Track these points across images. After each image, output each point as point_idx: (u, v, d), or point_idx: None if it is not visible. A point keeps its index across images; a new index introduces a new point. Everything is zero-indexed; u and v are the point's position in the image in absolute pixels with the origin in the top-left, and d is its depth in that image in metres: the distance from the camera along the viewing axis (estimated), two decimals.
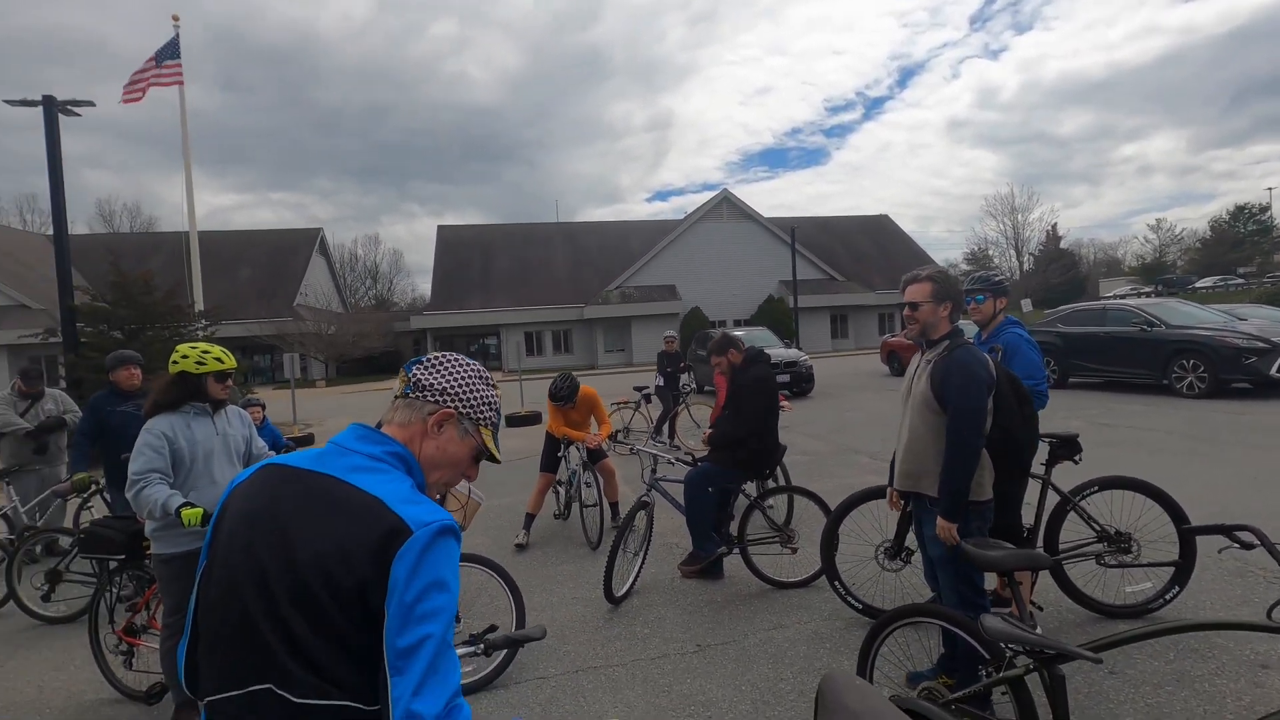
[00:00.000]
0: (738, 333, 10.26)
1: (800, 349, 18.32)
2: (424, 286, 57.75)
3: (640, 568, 4.57)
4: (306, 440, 12.12)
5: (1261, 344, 10.70)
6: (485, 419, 1.32)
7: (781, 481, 5.71)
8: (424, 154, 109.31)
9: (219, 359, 3.24)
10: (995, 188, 77.25)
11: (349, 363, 35.70)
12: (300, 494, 1.14)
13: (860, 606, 3.86)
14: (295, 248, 40.52)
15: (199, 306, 15.32)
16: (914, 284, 2.93)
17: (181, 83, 16.10)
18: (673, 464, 4.83)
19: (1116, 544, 3.68)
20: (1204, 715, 2.79)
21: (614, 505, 6.03)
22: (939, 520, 2.76)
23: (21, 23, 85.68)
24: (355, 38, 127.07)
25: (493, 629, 1.89)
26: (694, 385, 11.00)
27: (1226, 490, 5.73)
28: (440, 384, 1.28)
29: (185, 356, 3.19)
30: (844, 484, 6.62)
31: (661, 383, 10.54)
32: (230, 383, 3.34)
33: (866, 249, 42.81)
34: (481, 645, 1.74)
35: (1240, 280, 37.13)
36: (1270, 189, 72.20)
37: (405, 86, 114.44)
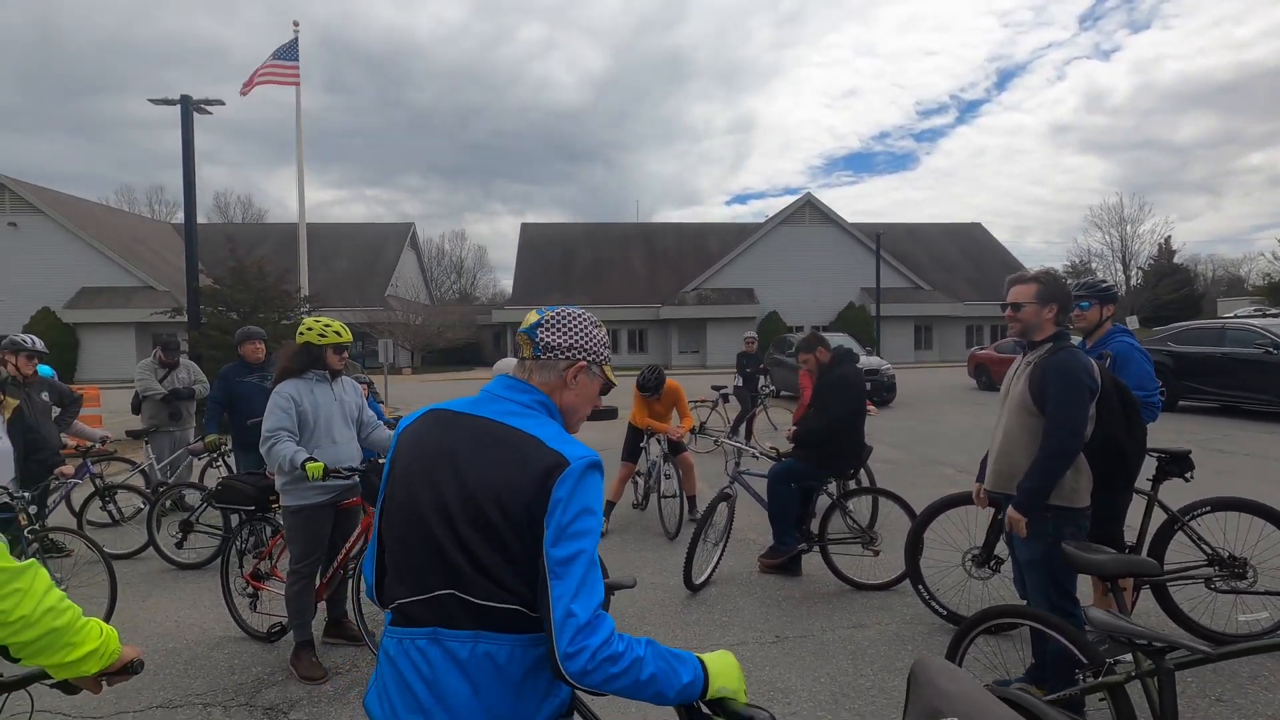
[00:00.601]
0: None
1: (881, 358, 17.85)
2: (505, 282, 59.59)
3: (719, 559, 4.65)
4: (393, 424, 12.78)
5: None
6: (605, 356, 1.47)
7: (866, 484, 5.65)
8: (509, 154, 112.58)
9: (338, 333, 3.59)
10: (1102, 197, 72.53)
11: (433, 353, 37.26)
12: (468, 433, 1.32)
13: (945, 613, 3.81)
14: (387, 241, 42.67)
15: (304, 293, 16.42)
16: (1019, 284, 2.90)
17: (298, 83, 17.32)
18: (757, 458, 4.89)
19: (1230, 568, 3.48)
20: None
21: (691, 499, 6.12)
22: (1009, 509, 2.73)
23: (153, 30, 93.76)
24: (449, 41, 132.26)
25: None
26: (772, 388, 10.94)
27: None
28: (567, 341, 1.40)
29: (310, 329, 3.55)
30: (925, 494, 6.43)
31: (740, 383, 10.55)
32: (346, 355, 3.68)
33: (955, 258, 41.12)
34: None
35: None
36: None
37: (494, 89, 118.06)
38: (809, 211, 36.83)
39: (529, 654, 1.24)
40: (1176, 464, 3.58)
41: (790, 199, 39.69)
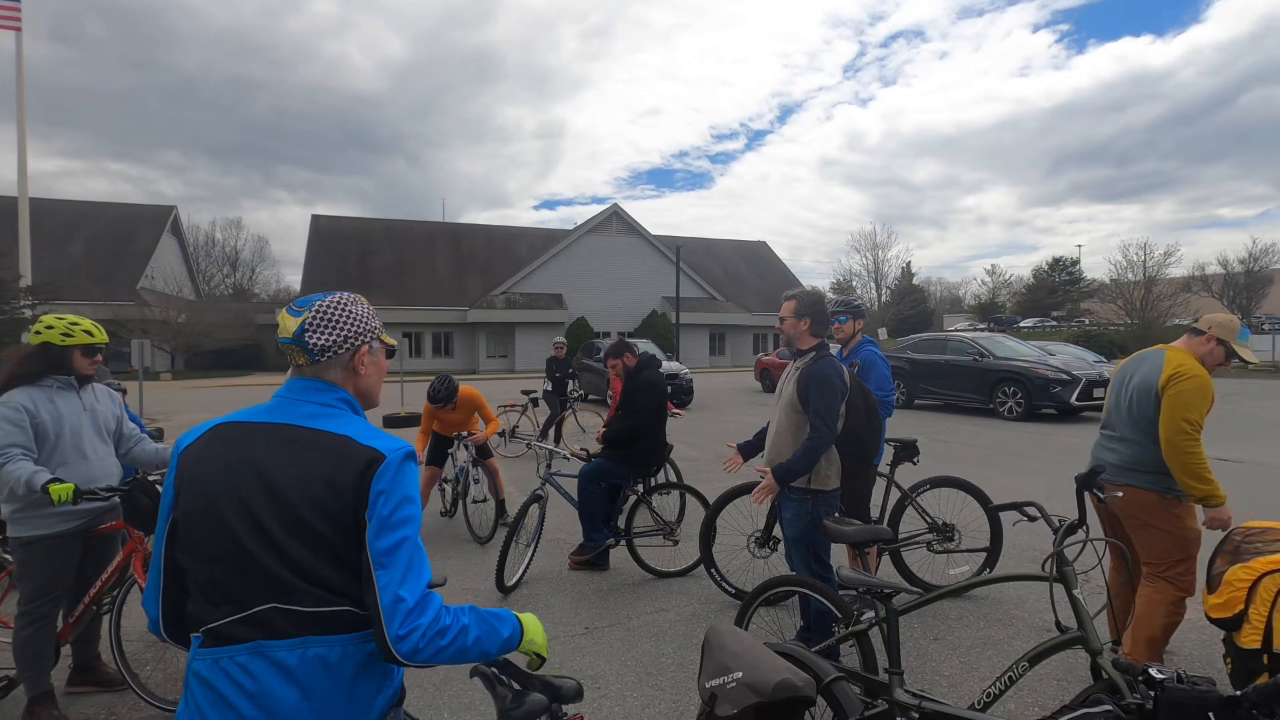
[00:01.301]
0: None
1: (681, 363, 19.08)
2: (292, 278, 54.14)
3: (530, 559, 4.75)
4: (157, 436, 11.07)
5: (1066, 376, 12.57)
6: (378, 327, 1.48)
7: (672, 479, 6.09)
8: (295, 137, 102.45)
9: (89, 332, 3.11)
10: (859, 224, 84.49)
11: (202, 355, 32.72)
12: (270, 442, 1.30)
13: (733, 591, 4.27)
14: (141, 225, 36.65)
15: (26, 282, 13.61)
16: (786, 300, 3.42)
17: (19, 26, 14.29)
18: (568, 459, 5.06)
19: (943, 533, 4.34)
20: (1001, 666, 3.40)
21: (500, 502, 6.14)
22: (769, 475, 3.23)
23: None
24: (223, 2, 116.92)
25: None
26: (580, 392, 11.25)
27: (1035, 494, 6.77)
28: (341, 335, 1.39)
29: (50, 327, 3.04)
30: (719, 486, 7.07)
31: (549, 387, 10.70)
32: (100, 358, 3.21)
33: (744, 273, 45.11)
34: None
35: (1054, 322, 42.88)
36: (1080, 246, 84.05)
37: (278, 63, 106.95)
38: (616, 221, 38.15)
39: (360, 650, 1.27)
40: (907, 451, 4.39)
41: (598, 208, 40.91)
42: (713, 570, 4.28)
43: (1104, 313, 37.21)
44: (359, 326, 1.41)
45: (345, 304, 1.42)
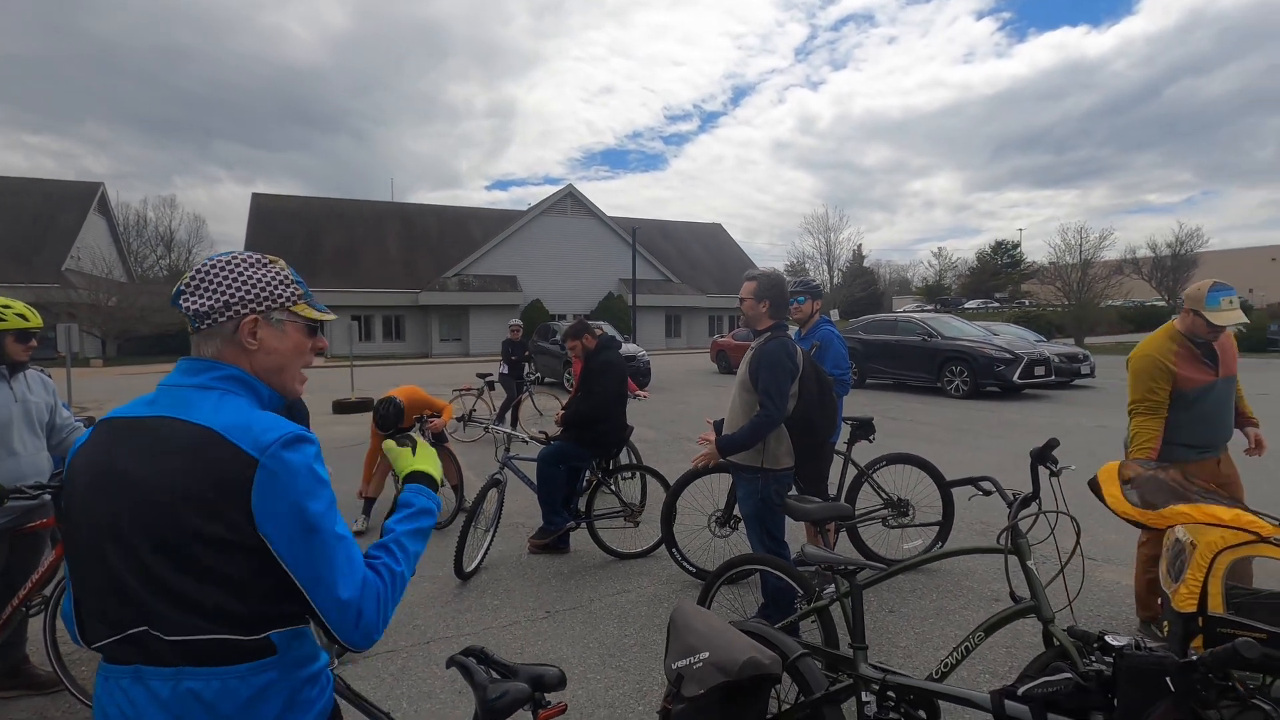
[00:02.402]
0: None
1: (638, 345, 19.08)
2: None
3: (489, 544, 4.68)
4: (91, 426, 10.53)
5: (1009, 355, 13.02)
6: (288, 296, 1.23)
7: (632, 462, 6.07)
8: (230, 111, 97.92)
9: (22, 315, 2.92)
10: (811, 207, 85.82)
11: (135, 340, 31.20)
12: (135, 442, 1.11)
13: (694, 570, 4.29)
14: (65, 203, 34.56)
15: None
16: (746, 281, 3.42)
17: None
18: (526, 443, 4.99)
19: (898, 509, 4.45)
20: (956, 638, 3.51)
21: (457, 488, 6.02)
22: (712, 446, 3.29)
23: None
24: None
25: None
26: (537, 375, 11.13)
27: (982, 467, 6.98)
28: (220, 300, 1.17)
29: None
30: (677, 468, 7.12)
31: (505, 370, 10.55)
32: (35, 343, 3.00)
33: (700, 255, 45.26)
34: None
35: (997, 303, 44.44)
36: (1021, 229, 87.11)
37: (210, 31, 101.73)
38: (570, 202, 37.72)
39: (245, 685, 1.09)
40: (863, 429, 4.46)
41: (552, 189, 40.26)
42: (674, 550, 4.29)
43: (1043, 294, 38.70)
44: (251, 291, 1.18)
45: (238, 264, 1.20)
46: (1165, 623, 3.04)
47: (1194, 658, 1.17)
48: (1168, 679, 1.17)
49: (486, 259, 35.40)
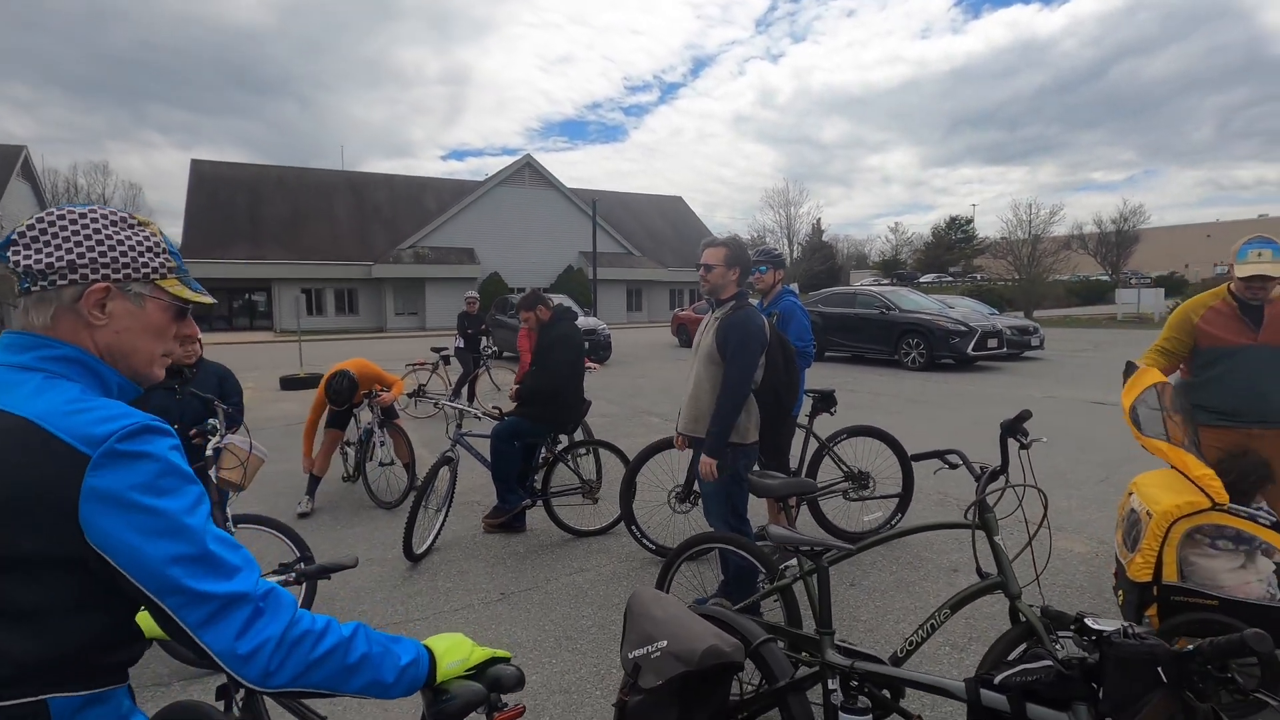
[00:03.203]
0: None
1: (599, 318, 18.85)
2: (172, 229, 49.41)
3: (442, 525, 4.49)
4: None
5: (964, 328, 13.24)
6: (155, 268, 0.99)
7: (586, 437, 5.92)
8: (166, 73, 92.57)
9: None
10: (772, 181, 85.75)
11: None
12: None
13: (654, 547, 4.19)
14: None
15: None
16: (710, 248, 3.24)
17: None
18: (479, 419, 4.79)
19: (859, 481, 4.41)
20: (915, 609, 3.50)
21: (408, 466, 5.80)
22: (703, 457, 3.10)
23: None
24: None
25: (306, 558, 1.79)
26: (494, 349, 10.84)
27: (938, 438, 7.08)
28: (65, 258, 0.92)
29: None
30: (638, 442, 7.00)
31: (461, 344, 10.26)
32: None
33: (661, 228, 44.93)
34: (293, 573, 1.64)
35: (950, 278, 45.42)
36: (974, 205, 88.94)
37: None
38: (529, 173, 36.90)
39: None
40: (825, 401, 4.39)
41: (509, 159, 39.46)
42: (633, 527, 4.18)
43: (995, 268, 39.64)
44: (109, 253, 0.94)
45: (97, 219, 0.96)
46: (1119, 591, 3.07)
47: (1190, 647, 1.09)
48: (1160, 669, 1.08)
49: (442, 231, 34.48)
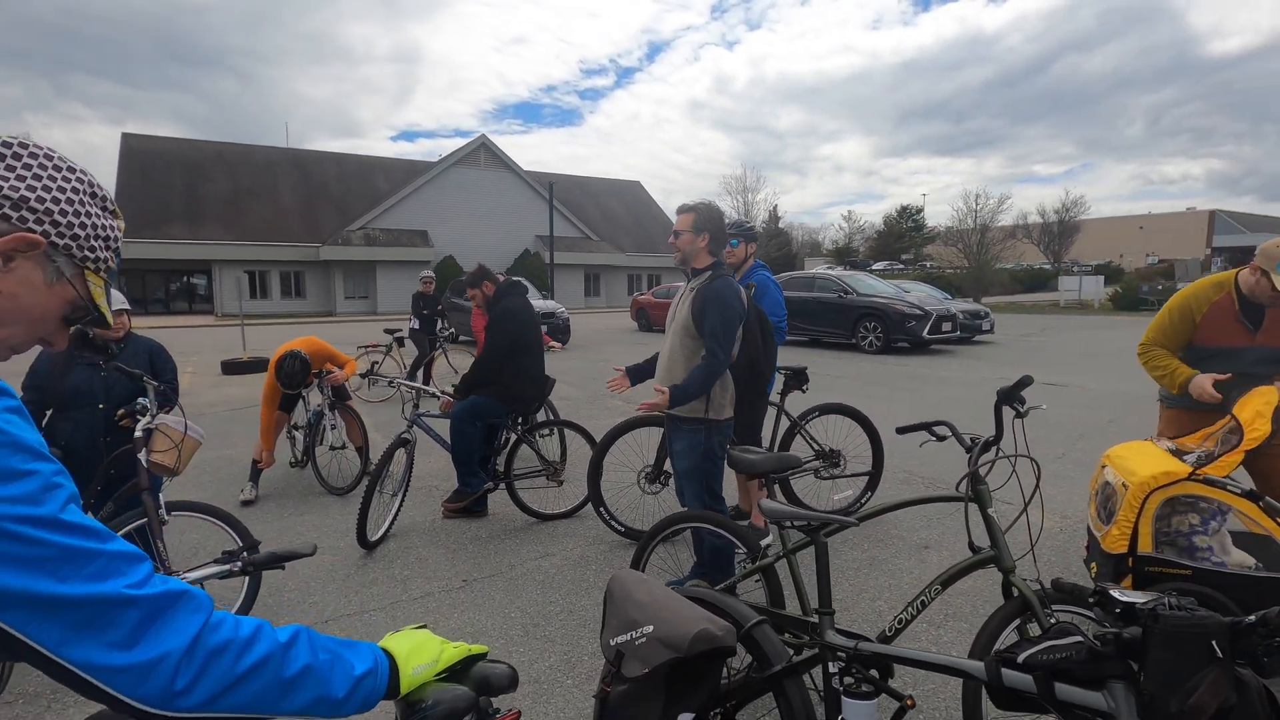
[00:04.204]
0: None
1: (556, 303, 18.56)
2: None
3: (399, 510, 4.26)
4: None
5: (920, 312, 13.44)
6: (95, 258, 0.84)
7: (550, 418, 5.73)
8: (94, 43, 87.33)
9: None
10: (728, 168, 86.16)
11: None
12: None
13: (623, 529, 4.05)
14: None
15: None
16: (681, 213, 3.09)
17: None
18: (437, 398, 4.55)
19: (830, 460, 4.35)
20: (889, 587, 3.45)
21: (362, 449, 5.52)
22: (660, 395, 2.88)
23: None
24: None
25: (251, 546, 1.58)
26: (451, 330, 10.49)
27: (898, 417, 7.12)
28: (17, 191, 0.76)
29: None
30: (601, 425, 6.85)
31: (417, 326, 9.89)
32: None
33: (619, 213, 44.55)
34: (238, 563, 1.43)
35: (902, 265, 46.38)
36: (924, 195, 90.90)
37: None
38: (484, 154, 36.03)
39: None
40: (796, 379, 4.31)
41: (462, 141, 38.45)
42: (602, 509, 4.03)
43: (945, 256, 40.64)
44: (64, 212, 0.79)
45: (76, 178, 0.81)
46: (1092, 565, 3.07)
47: (1251, 619, 1.00)
48: (1214, 643, 0.99)
49: (394, 212, 33.43)
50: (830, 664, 1.63)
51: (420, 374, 9.14)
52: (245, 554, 1.46)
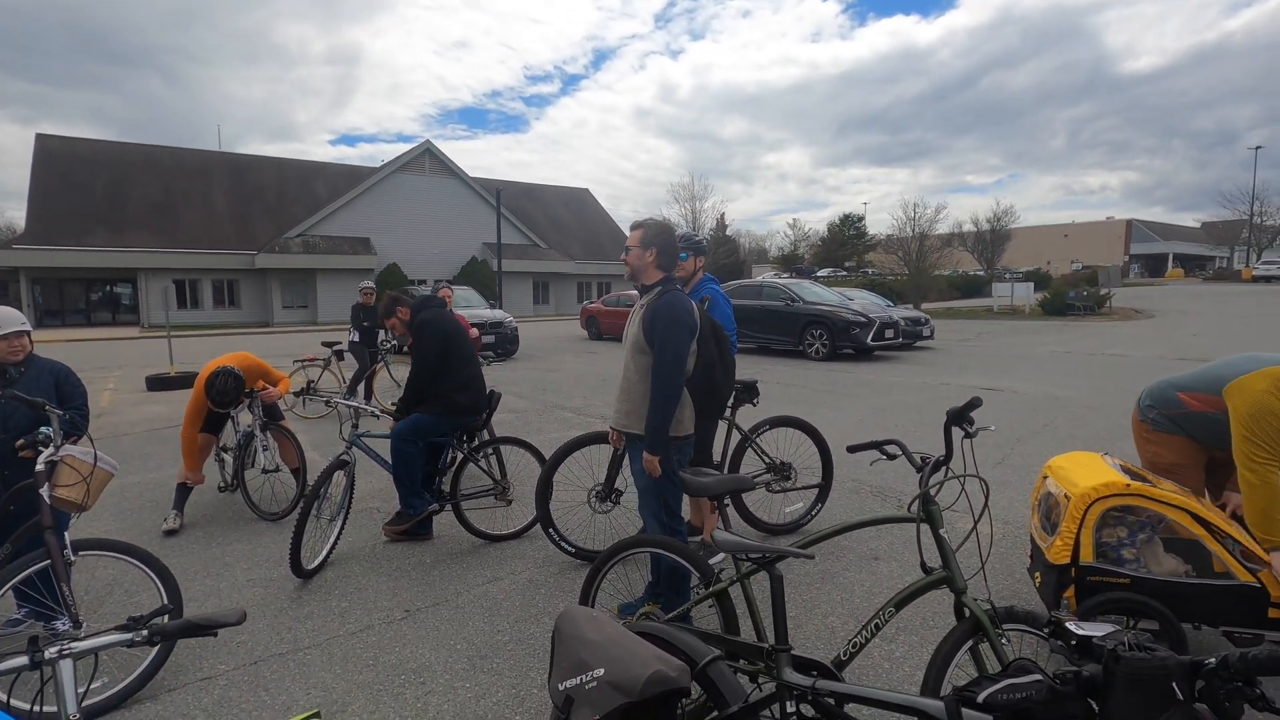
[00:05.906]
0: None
1: (504, 311, 18.27)
2: (14, 213, 44.03)
3: (338, 536, 4.05)
4: None
5: (864, 319, 13.74)
6: None
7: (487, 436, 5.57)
8: (2, 36, 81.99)
9: None
10: (674, 176, 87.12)
11: None
12: None
13: (573, 550, 3.95)
14: None
15: None
16: (632, 230, 3.06)
17: None
18: (377, 417, 4.36)
19: (780, 473, 4.35)
20: (841, 602, 3.45)
21: (296, 472, 5.25)
22: (645, 455, 2.90)
23: None
24: None
25: (164, 611, 1.42)
26: (394, 342, 10.16)
27: (846, 426, 7.25)
28: None
29: None
30: (550, 438, 6.75)
31: (357, 338, 9.55)
32: None
33: (567, 220, 44.32)
34: (144, 631, 1.27)
35: (845, 271, 47.57)
36: (865, 203, 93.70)
37: None
38: (429, 160, 35.33)
39: None
40: (747, 392, 4.29)
41: (405, 146, 37.71)
42: (551, 530, 3.92)
43: (886, 263, 41.86)
44: None
45: None
46: (1036, 575, 3.13)
47: (1213, 661, 0.99)
48: (1175, 685, 0.98)
49: (335, 218, 32.42)
50: (788, 703, 1.58)
51: (361, 388, 8.82)
52: (156, 619, 1.31)
